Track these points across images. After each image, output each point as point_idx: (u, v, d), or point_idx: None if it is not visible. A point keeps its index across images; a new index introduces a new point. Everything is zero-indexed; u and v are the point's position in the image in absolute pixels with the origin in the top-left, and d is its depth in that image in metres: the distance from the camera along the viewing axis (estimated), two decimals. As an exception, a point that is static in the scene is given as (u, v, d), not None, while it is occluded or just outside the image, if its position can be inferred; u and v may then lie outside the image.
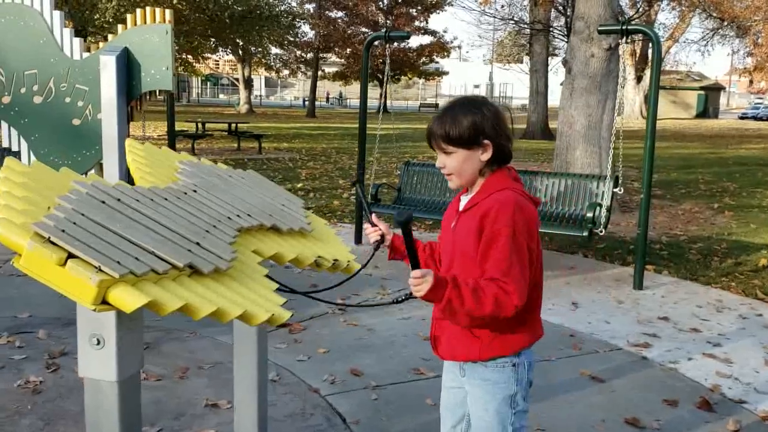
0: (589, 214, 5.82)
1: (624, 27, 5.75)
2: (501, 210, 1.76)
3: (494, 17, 27.53)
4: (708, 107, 48.81)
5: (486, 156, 1.83)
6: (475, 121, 1.80)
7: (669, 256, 6.81)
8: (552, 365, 3.96)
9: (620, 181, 5.97)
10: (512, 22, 26.75)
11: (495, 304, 1.70)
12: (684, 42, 42.41)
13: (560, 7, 23.13)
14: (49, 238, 1.49)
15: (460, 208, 1.91)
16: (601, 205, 5.84)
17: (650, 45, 5.79)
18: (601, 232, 5.70)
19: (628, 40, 5.95)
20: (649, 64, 6.19)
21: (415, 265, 1.71)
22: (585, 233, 5.60)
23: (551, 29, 23.80)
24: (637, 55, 34.09)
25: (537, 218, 1.84)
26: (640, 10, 24.54)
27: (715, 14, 29.84)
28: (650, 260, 6.41)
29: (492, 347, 1.86)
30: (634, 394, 3.60)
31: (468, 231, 1.82)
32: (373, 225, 2.12)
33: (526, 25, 25.21)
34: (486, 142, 1.82)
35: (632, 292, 5.55)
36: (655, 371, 3.94)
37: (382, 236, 2.11)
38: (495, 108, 1.84)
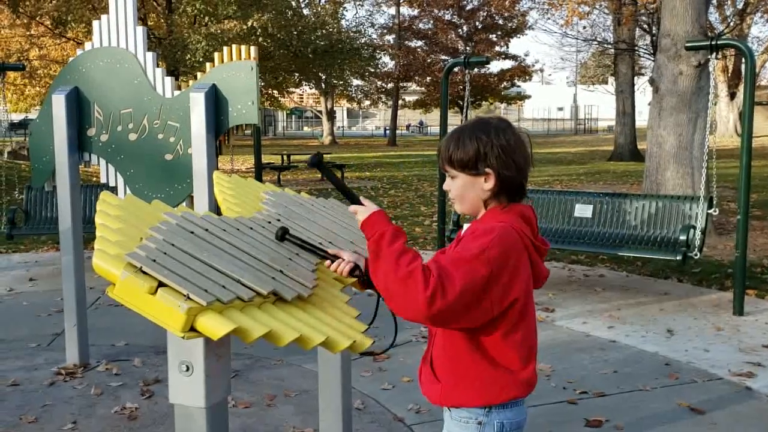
0: (683, 237, 5.59)
1: (713, 42, 5.54)
2: (482, 234, 1.60)
3: (576, 39, 27.06)
4: (811, 122, 46.06)
5: (489, 185, 1.68)
6: (478, 148, 1.66)
7: (772, 280, 6.42)
8: (647, 395, 3.79)
9: (715, 202, 5.72)
10: (595, 42, 26.22)
11: (407, 277, 1.53)
12: (781, 55, 40.40)
13: (645, 26, 22.52)
14: (141, 267, 1.55)
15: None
16: (695, 228, 5.60)
17: (743, 60, 5.55)
18: (696, 255, 5.47)
19: (719, 56, 5.73)
20: (743, 79, 5.94)
21: (354, 200, 1.77)
22: (678, 257, 5.38)
23: (636, 48, 23.18)
24: (730, 70, 32.65)
25: (525, 261, 1.65)
26: (731, 24, 23.56)
27: (814, 24, 28.29)
28: (751, 284, 6.06)
29: (453, 395, 1.71)
30: (738, 428, 3.39)
31: None
32: (334, 257, 1.91)
33: (610, 45, 24.68)
34: (488, 170, 1.66)
35: (732, 319, 5.26)
36: (760, 403, 3.70)
37: (356, 265, 1.90)
38: (509, 136, 1.67)
